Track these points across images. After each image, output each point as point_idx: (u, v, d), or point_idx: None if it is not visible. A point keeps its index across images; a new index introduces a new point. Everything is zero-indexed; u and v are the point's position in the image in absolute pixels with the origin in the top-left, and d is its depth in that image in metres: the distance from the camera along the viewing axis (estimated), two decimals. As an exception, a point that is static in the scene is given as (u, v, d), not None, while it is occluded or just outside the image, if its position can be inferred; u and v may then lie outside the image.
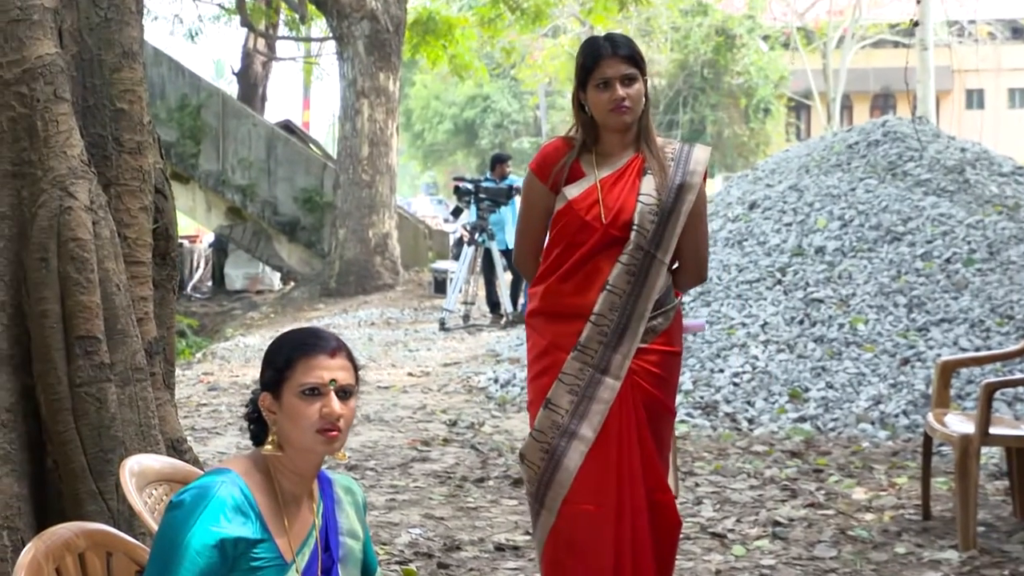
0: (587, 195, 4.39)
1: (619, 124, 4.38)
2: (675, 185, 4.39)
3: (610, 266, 4.35)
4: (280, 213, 23.93)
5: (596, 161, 4.44)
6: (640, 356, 4.37)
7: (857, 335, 9.76)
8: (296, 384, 2.99)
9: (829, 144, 13.56)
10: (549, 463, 4.36)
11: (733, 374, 9.63)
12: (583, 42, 4.55)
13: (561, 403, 4.35)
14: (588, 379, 4.34)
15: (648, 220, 4.34)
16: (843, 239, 11.02)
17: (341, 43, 21.02)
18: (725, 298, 10.74)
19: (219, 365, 13.28)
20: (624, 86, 4.34)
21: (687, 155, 4.46)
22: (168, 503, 2.91)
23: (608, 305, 4.34)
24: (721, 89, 43.56)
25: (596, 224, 4.36)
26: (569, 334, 4.37)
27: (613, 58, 4.36)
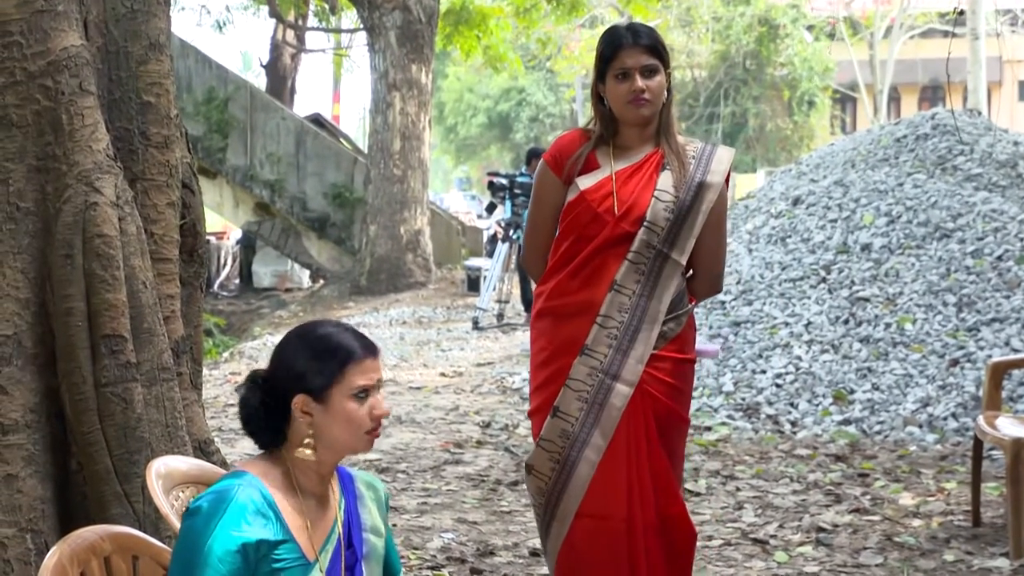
0: (600, 186, 4.34)
1: (637, 117, 4.33)
2: (695, 183, 4.33)
3: (618, 263, 4.30)
4: (309, 209, 23.99)
5: (613, 154, 4.39)
6: (651, 363, 4.31)
7: (904, 335, 9.72)
8: (348, 387, 3.08)
9: (876, 138, 13.51)
10: (560, 474, 4.32)
11: (776, 375, 9.62)
12: (603, 32, 4.49)
13: (570, 411, 4.31)
14: (598, 385, 4.28)
15: (662, 217, 4.29)
16: (890, 236, 10.98)
17: (372, 34, 21.07)
18: (768, 296, 10.72)
19: (247, 364, 13.32)
20: (644, 78, 4.29)
21: (709, 154, 4.41)
22: (185, 510, 2.96)
23: (616, 306, 4.28)
24: (764, 81, 43.43)
25: (608, 217, 4.31)
26: (575, 335, 4.32)
27: (634, 48, 4.30)
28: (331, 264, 23.88)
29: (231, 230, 30.72)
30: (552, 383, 4.36)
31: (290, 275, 25.67)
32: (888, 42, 42.45)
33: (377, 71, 20.97)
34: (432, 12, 21.01)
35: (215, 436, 7.47)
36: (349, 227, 23.55)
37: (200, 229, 5.09)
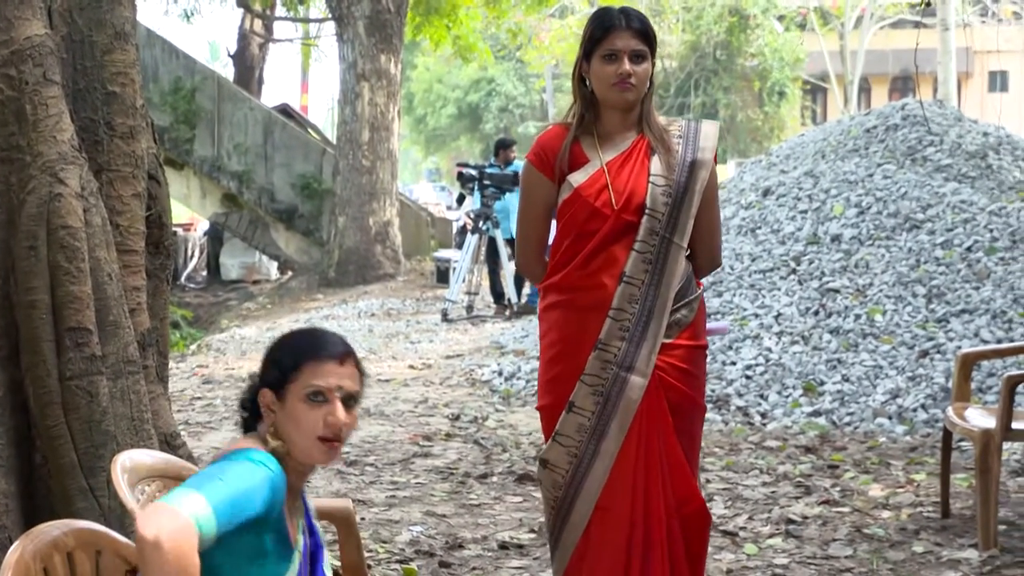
0: (594, 180, 4.31)
1: (620, 101, 4.30)
2: (687, 162, 4.32)
3: (625, 255, 4.28)
4: (277, 200, 23.93)
5: (599, 144, 4.36)
6: (666, 352, 4.29)
7: (874, 326, 9.76)
8: (302, 387, 3.03)
9: (846, 128, 13.56)
10: (578, 468, 4.31)
11: (746, 367, 9.64)
12: (594, 12, 4.46)
13: (586, 405, 4.29)
14: (612, 378, 4.26)
15: (662, 202, 4.27)
16: (860, 227, 11.01)
17: (341, 24, 21.03)
18: (738, 288, 10.74)
19: (214, 357, 13.29)
20: (632, 62, 4.27)
21: (695, 131, 4.39)
22: (236, 452, 2.94)
23: (627, 298, 4.26)
24: (734, 71, 43.54)
25: (607, 211, 4.28)
26: (588, 330, 4.29)
27: (625, 31, 4.28)
28: (299, 256, 23.84)
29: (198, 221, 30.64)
30: (565, 378, 4.33)
31: (258, 267, 25.62)
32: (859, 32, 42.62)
33: (346, 61, 20.93)
34: (401, 2, 20.99)
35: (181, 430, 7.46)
36: (317, 218, 23.51)
37: (166, 220, 5.08)
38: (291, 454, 3.05)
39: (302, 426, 3.02)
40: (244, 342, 14.45)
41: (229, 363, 12.63)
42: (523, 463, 7.97)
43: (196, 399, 10.38)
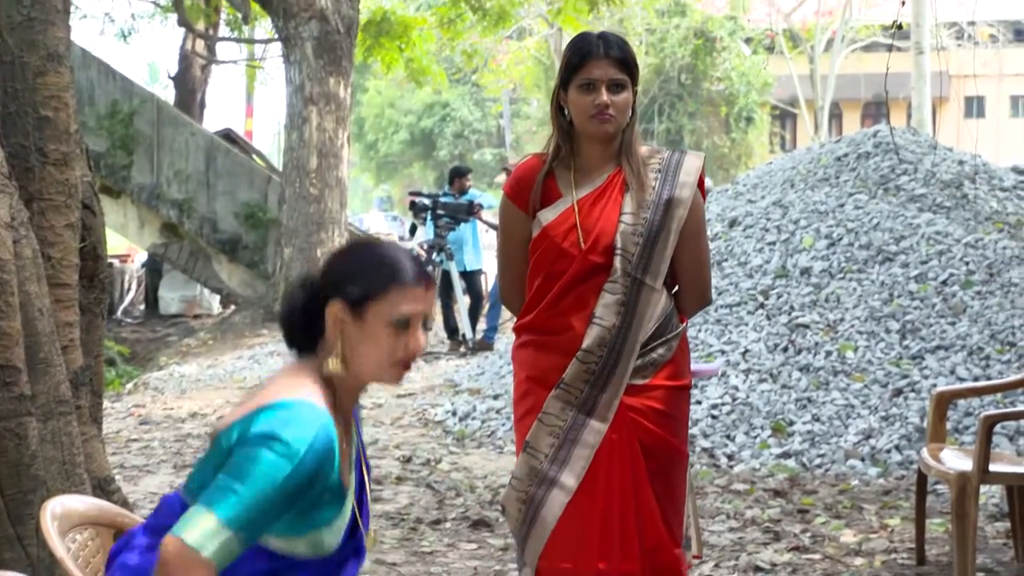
0: (563, 219, 4.31)
1: (599, 133, 4.30)
2: (662, 200, 4.31)
3: (595, 296, 4.27)
4: (220, 230, 23.86)
5: (575, 179, 4.36)
6: (641, 393, 4.28)
7: (846, 363, 9.80)
8: (388, 311, 3.06)
9: (816, 156, 13.63)
10: (527, 514, 4.28)
11: (711, 406, 9.65)
12: (573, 37, 4.46)
13: (540, 447, 4.28)
14: (571, 421, 4.26)
15: (632, 243, 4.26)
16: (831, 259, 11.07)
17: (287, 45, 21.01)
18: (703, 323, 10.77)
19: (152, 397, 13.21)
20: (610, 92, 4.27)
21: (676, 165, 4.38)
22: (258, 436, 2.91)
23: (597, 341, 4.25)
24: (700, 96, 43.75)
25: (574, 251, 4.29)
26: (553, 370, 4.29)
27: (603, 59, 4.28)
28: (243, 289, 23.75)
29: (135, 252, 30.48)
30: (528, 416, 4.34)
31: (199, 300, 25.50)
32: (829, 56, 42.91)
33: (292, 84, 20.91)
34: (351, 22, 21.00)
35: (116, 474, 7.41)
36: (262, 249, 23.44)
37: (101, 252, 5.06)
38: (357, 373, 3.09)
39: (382, 348, 3.06)
40: (184, 380, 14.38)
41: (168, 402, 12.56)
42: (478, 508, 7.95)
43: (132, 441, 10.31)
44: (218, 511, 2.82)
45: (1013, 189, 12.49)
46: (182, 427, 10.97)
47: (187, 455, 9.59)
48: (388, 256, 3.12)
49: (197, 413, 11.71)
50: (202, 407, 12.07)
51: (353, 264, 3.12)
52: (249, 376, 14.28)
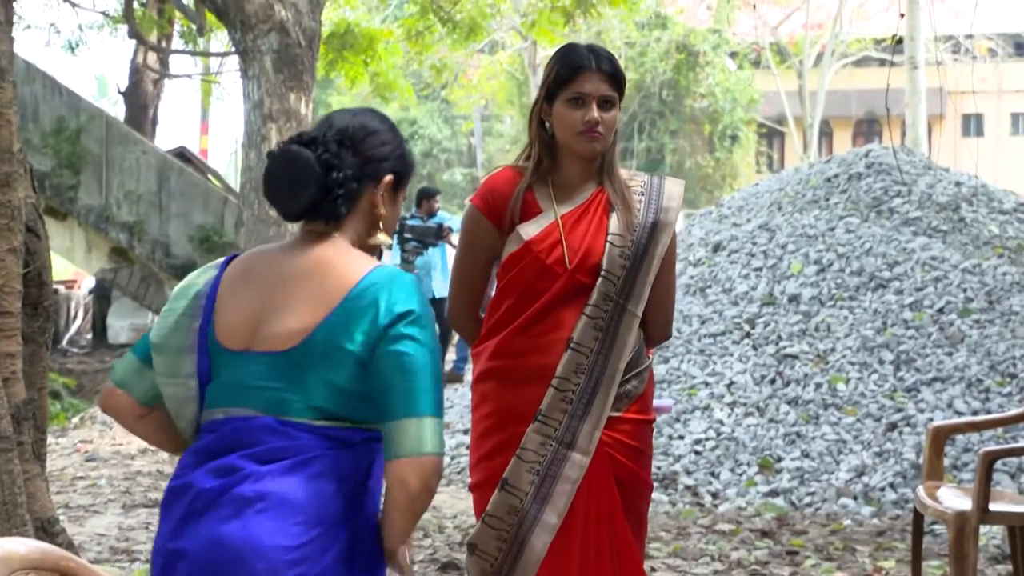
0: (547, 234, 4.32)
1: (586, 150, 4.32)
2: (648, 223, 4.34)
3: (574, 319, 4.29)
4: (173, 255, 23.80)
5: (554, 194, 4.37)
6: (614, 426, 4.31)
7: (837, 396, 9.81)
8: (406, 185, 3.49)
9: (805, 177, 13.66)
10: (508, 554, 4.28)
11: (695, 441, 9.65)
12: (560, 48, 4.47)
13: (520, 484, 4.28)
14: (551, 455, 4.26)
15: (618, 265, 4.29)
16: (820, 286, 11.09)
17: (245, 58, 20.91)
18: (686, 353, 10.77)
19: (99, 432, 13.16)
20: (601, 109, 4.29)
21: (659, 190, 4.42)
22: (403, 313, 3.20)
23: (573, 367, 4.27)
24: (682, 113, 43.85)
25: (559, 269, 4.29)
26: (528, 402, 4.28)
27: (596, 73, 4.31)
28: (197, 317, 23.68)
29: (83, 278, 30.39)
30: (500, 453, 4.32)
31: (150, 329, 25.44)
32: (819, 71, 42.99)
33: (251, 100, 20.81)
34: (313, 35, 20.94)
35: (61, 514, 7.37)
36: (218, 275, 23.39)
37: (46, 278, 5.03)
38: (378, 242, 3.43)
39: (395, 219, 3.46)
40: (134, 414, 14.31)
41: (116, 438, 12.51)
42: (447, 550, 7.93)
43: (78, 479, 10.26)
44: (432, 411, 3.16)
45: (1013, 212, 12.53)
46: (131, 464, 10.92)
47: (136, 494, 9.54)
48: (398, 136, 3.49)
49: (147, 449, 11.66)
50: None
51: (393, 144, 3.45)
52: (203, 410, 14.21)
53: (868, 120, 50.71)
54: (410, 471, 3.14)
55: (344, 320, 3.19)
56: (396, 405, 3.14)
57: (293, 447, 3.16)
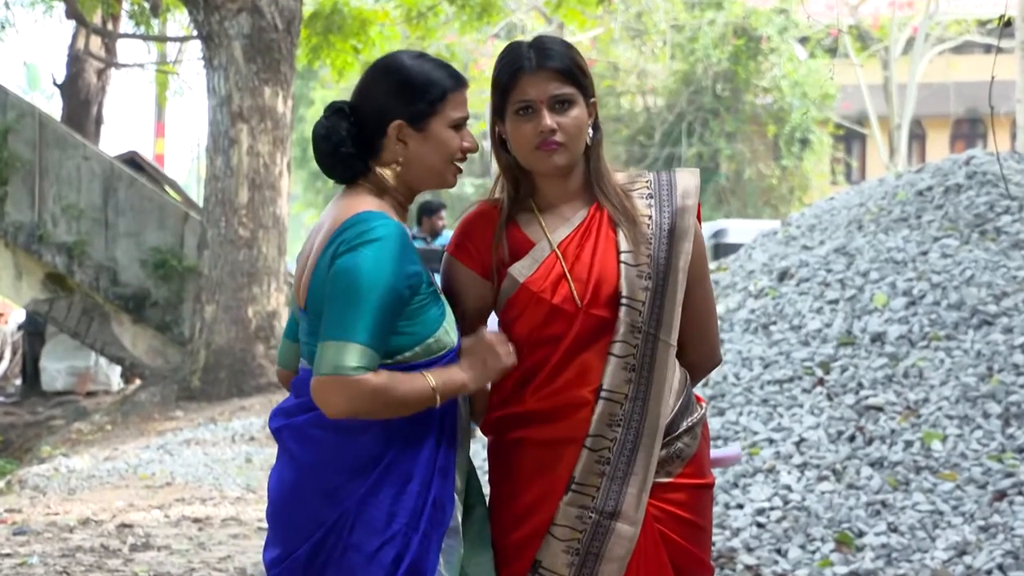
0: (547, 270, 4.31)
1: (548, 167, 4.31)
2: (664, 231, 4.34)
3: (601, 363, 4.28)
4: (121, 283, 23.87)
5: (543, 221, 4.37)
6: (664, 495, 4.31)
7: (931, 457, 9.80)
8: (449, 118, 4.28)
9: (891, 190, 13.67)
10: None
11: (757, 511, 9.64)
12: (501, 51, 4.45)
13: (557, 567, 4.28)
14: (592, 529, 4.25)
15: (640, 287, 4.28)
16: (911, 323, 11.09)
17: (209, 44, 21.06)
18: (745, 404, 10.77)
19: (30, 498, 13.17)
20: (554, 112, 4.28)
21: (669, 186, 4.42)
22: (339, 252, 4.12)
23: (606, 419, 4.26)
24: (741, 112, 43.81)
25: (569, 307, 4.28)
26: (558, 469, 4.28)
27: (539, 72, 4.30)
28: (151, 358, 23.74)
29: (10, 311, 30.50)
30: (533, 537, 4.31)
31: (93, 373, 25.49)
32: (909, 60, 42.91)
33: (216, 95, 20.95)
34: (292, 16, 21.04)
35: (-15, 597, 7.38)
36: (177, 307, 23.45)
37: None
38: (415, 182, 4.34)
39: (446, 152, 4.30)
40: (73, 477, 14.34)
41: (52, 506, 12.52)
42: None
43: (4, 556, 10.27)
44: (355, 337, 4.08)
45: None
46: (70, 539, 10.93)
47: (76, 575, 9.56)
48: (430, 69, 4.29)
49: (90, 519, 11.68)
50: (97, 511, 12.04)
51: (403, 85, 4.27)
52: (159, 472, 14.24)
53: (969, 119, 50.72)
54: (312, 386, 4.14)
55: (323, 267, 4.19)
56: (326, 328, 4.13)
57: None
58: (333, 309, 4.09)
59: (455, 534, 4.24)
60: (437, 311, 4.21)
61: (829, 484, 9.77)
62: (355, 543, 4.17)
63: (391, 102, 4.26)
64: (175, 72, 33.58)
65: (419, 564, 4.16)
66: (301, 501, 4.24)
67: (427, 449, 4.21)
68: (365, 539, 4.16)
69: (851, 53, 43.48)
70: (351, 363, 4.05)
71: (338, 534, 4.18)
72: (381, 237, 4.09)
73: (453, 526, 4.24)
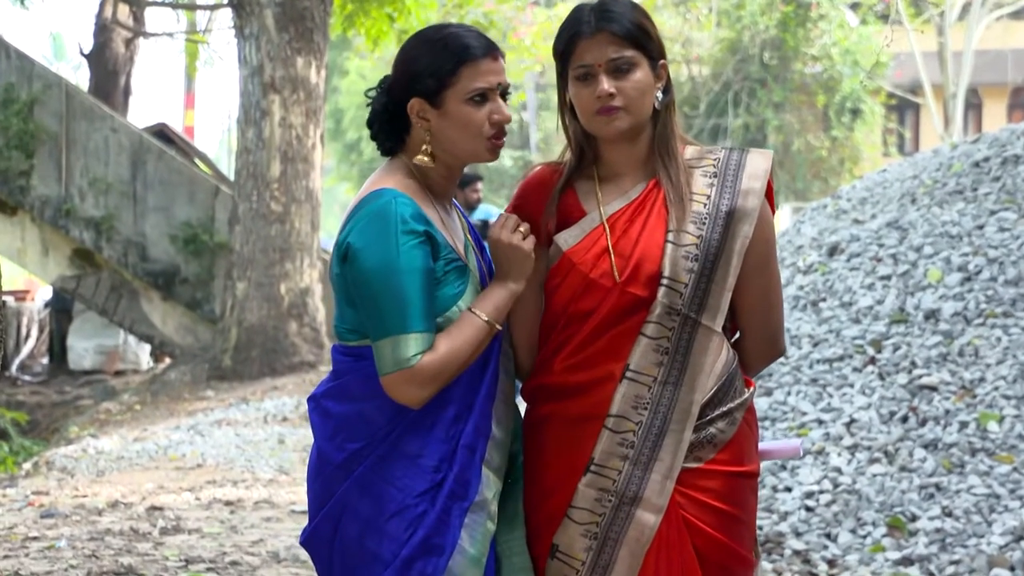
0: (591, 241, 4.33)
1: (607, 132, 4.31)
2: (720, 213, 4.32)
3: (630, 342, 4.27)
4: (150, 259, 23.92)
5: (600, 190, 4.38)
6: (693, 481, 4.29)
7: (988, 439, 9.78)
8: (464, 91, 4.27)
9: (946, 161, 13.63)
10: None
11: (805, 494, 9.64)
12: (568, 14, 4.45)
13: (574, 551, 4.28)
14: (611, 513, 4.26)
15: (684, 269, 4.26)
16: (966, 299, 11.06)
17: (241, 14, 21.09)
18: (793, 384, 10.76)
19: (58, 480, 13.22)
20: (614, 77, 4.27)
21: (737, 167, 4.39)
22: (344, 246, 4.25)
23: (631, 400, 4.26)
24: (789, 81, 43.68)
25: (606, 282, 4.28)
26: (579, 448, 4.29)
27: (599, 35, 4.29)
28: (181, 336, 23.80)
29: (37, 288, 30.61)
30: (554, 516, 4.33)
31: (122, 352, 25.56)
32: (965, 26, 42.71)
33: (248, 65, 20.97)
34: (326, -18, 21.03)
35: (11, 582, 7.42)
36: (207, 284, 23.49)
37: (-9, 288, 5.09)
38: (451, 158, 4.36)
39: (470, 128, 4.29)
40: (102, 458, 14.38)
41: (80, 488, 12.57)
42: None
43: (31, 540, 10.31)
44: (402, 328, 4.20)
45: None
46: (98, 521, 10.97)
47: (105, 559, 9.60)
48: (450, 38, 4.29)
49: (119, 502, 11.72)
50: (126, 494, 12.08)
51: (418, 57, 4.30)
52: (189, 453, 14.29)
53: (1028, 88, 50.45)
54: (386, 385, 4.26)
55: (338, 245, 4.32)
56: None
57: (336, 369, 4.43)
58: (370, 308, 4.22)
59: (480, 509, 4.29)
60: (453, 289, 4.29)
61: (881, 466, 9.76)
62: (364, 516, 4.28)
63: (410, 77, 4.31)
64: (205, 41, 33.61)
65: (434, 539, 4.24)
66: (320, 474, 4.39)
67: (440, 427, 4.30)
68: (374, 512, 4.27)
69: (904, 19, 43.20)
70: (409, 353, 4.17)
71: (350, 507, 4.30)
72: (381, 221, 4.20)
73: (479, 501, 4.28)
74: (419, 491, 4.25)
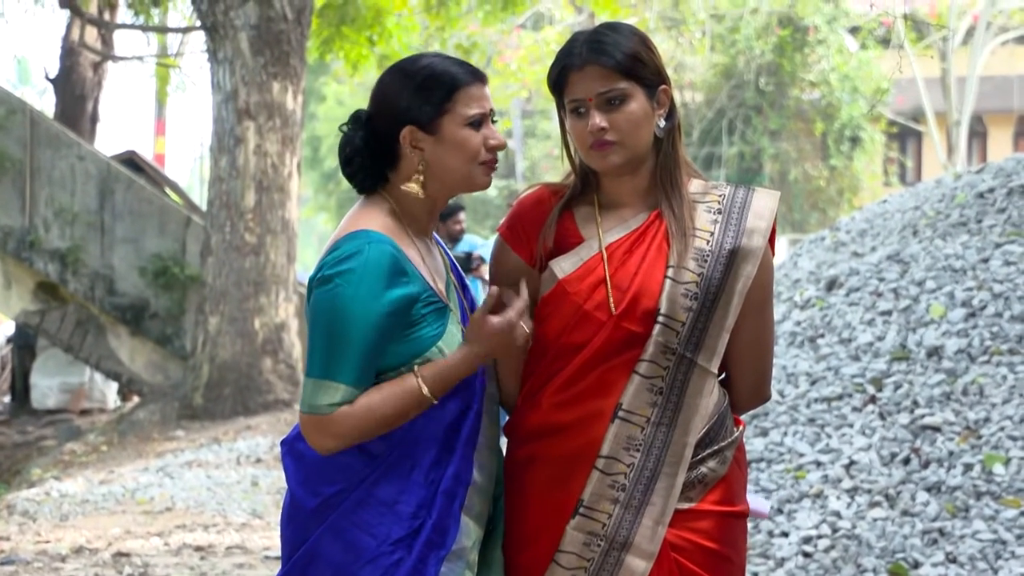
0: (587, 271, 4.31)
1: (603, 167, 4.32)
2: (723, 251, 4.32)
3: (623, 380, 4.27)
4: (118, 292, 23.91)
5: (600, 217, 4.38)
6: (684, 523, 4.29)
7: (993, 482, 9.78)
8: (461, 116, 4.32)
9: (950, 192, 13.65)
10: None
11: (803, 539, 9.64)
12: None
13: None
14: (600, 558, 4.25)
15: (682, 307, 4.26)
16: (970, 336, 11.07)
17: (214, 36, 21.09)
18: (790, 424, 10.76)
19: (19, 525, 13.19)
20: (605, 110, 4.27)
21: (743, 205, 4.39)
22: (316, 279, 4.25)
23: (622, 441, 4.25)
24: (786, 108, 43.77)
25: (601, 315, 4.28)
26: (568, 490, 4.28)
27: (588, 68, 4.30)
28: (150, 373, 23.77)
29: None
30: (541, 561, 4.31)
31: (87, 390, 25.52)
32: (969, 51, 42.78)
33: (221, 90, 20.97)
34: (303, 5, 21.06)
35: (-30, 632, 7.40)
36: (178, 319, 23.48)
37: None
38: (443, 187, 4.38)
39: (467, 152, 4.33)
40: (65, 502, 14.35)
41: (42, 533, 12.54)
42: None
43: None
44: (332, 376, 4.22)
45: None
46: (62, 568, 10.96)
47: (68, 608, 9.58)
48: (436, 65, 4.35)
49: (84, 548, 11.70)
50: (91, 539, 12.06)
51: (410, 89, 4.34)
52: (158, 496, 14.26)
53: (1034, 116, 50.57)
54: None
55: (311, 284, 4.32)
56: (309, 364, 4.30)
57: None
58: (313, 344, 4.27)
59: (459, 558, 4.29)
60: (433, 330, 4.30)
61: (882, 510, 9.76)
62: (336, 563, 4.30)
63: (398, 107, 4.34)
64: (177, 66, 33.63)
65: None
66: (292, 519, 4.41)
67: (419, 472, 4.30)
68: (347, 560, 4.29)
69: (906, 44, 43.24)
70: (325, 401, 4.23)
71: (322, 555, 4.32)
72: (355, 268, 4.20)
73: (456, 550, 4.28)
74: (395, 538, 4.25)
